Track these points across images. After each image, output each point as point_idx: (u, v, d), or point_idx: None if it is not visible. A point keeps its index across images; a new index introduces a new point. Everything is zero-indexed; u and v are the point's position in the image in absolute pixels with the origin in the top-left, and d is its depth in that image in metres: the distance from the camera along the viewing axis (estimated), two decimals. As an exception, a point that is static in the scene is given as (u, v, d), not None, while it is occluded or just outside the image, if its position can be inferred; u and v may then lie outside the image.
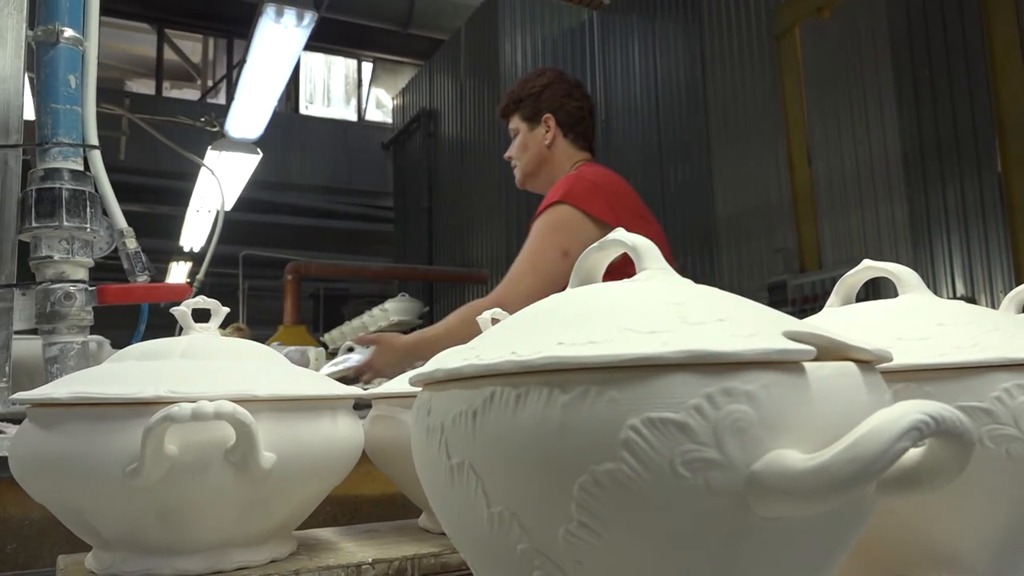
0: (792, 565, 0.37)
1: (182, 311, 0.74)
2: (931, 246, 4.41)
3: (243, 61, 3.15)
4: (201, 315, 0.78)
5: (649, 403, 0.36)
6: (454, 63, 7.61)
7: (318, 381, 0.72)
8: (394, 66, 10.42)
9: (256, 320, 7.84)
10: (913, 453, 0.37)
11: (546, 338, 0.41)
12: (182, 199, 5.82)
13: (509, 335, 0.45)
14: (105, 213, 1.12)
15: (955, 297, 4.06)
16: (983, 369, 0.49)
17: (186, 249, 6.41)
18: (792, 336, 0.38)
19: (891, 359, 0.43)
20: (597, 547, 0.38)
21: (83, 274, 1.05)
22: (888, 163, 4.65)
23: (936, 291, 4.27)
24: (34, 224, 1.01)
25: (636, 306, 0.42)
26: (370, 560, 0.71)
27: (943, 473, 0.36)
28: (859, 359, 0.39)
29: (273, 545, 0.71)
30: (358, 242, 9.27)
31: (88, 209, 1.05)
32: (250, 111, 3.52)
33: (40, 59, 1.07)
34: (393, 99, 9.24)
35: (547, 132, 1.84)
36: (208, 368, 0.67)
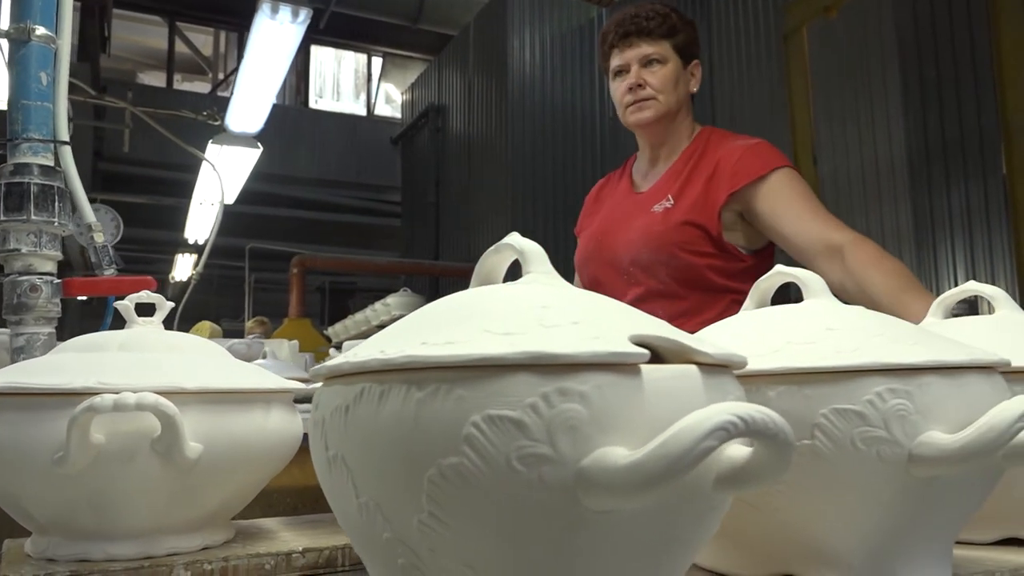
0: (628, 557, 0.39)
1: (125, 305, 0.77)
2: (935, 249, 4.39)
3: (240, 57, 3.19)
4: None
5: (491, 401, 0.38)
6: (463, 59, 7.63)
7: (252, 375, 0.74)
8: (403, 61, 10.45)
9: (262, 312, 7.90)
10: (743, 452, 0.39)
11: (415, 337, 0.43)
12: (188, 191, 5.88)
13: (400, 331, 0.47)
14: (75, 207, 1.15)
15: (957, 301, 4.04)
16: (857, 373, 0.51)
17: (191, 241, 6.47)
18: (637, 340, 0.40)
19: (743, 364, 0.45)
20: (446, 536, 0.40)
21: (51, 267, 1.08)
22: (893, 165, 4.63)
23: (938, 293, 4.24)
24: (2, 218, 1.04)
25: (502, 309, 0.44)
26: (300, 549, 0.74)
27: (767, 472, 0.37)
28: (702, 362, 0.41)
29: (207, 532, 0.73)
30: (365, 236, 9.32)
31: (57, 204, 1.08)
32: (249, 106, 3.55)
33: (12, 56, 1.10)
34: (402, 94, 9.27)
35: (692, 79, 1.61)
36: (142, 360, 0.69)
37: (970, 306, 2.76)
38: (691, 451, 0.34)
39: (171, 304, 0.80)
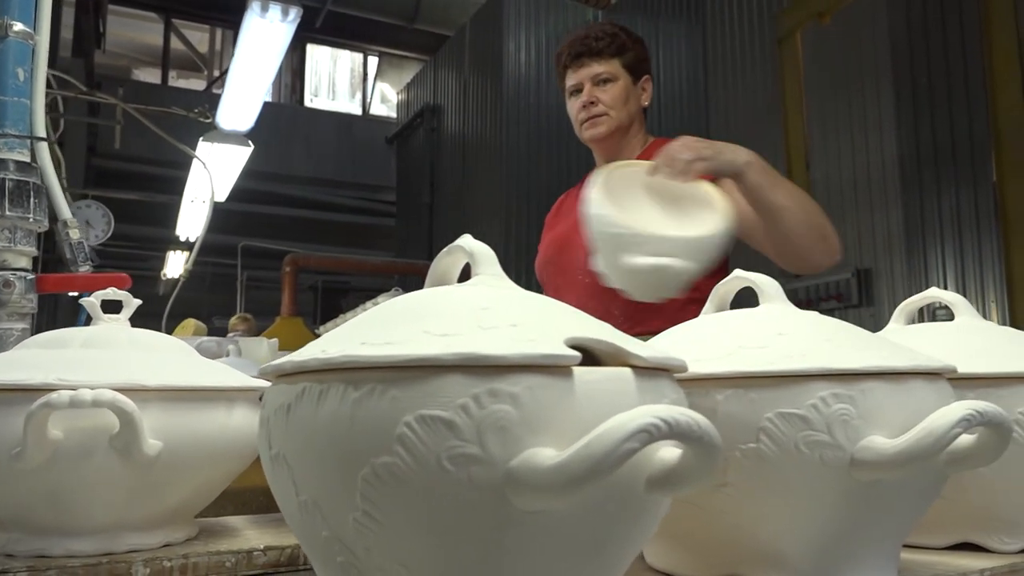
0: (560, 556, 0.40)
1: (91, 302, 0.77)
2: (925, 254, 4.40)
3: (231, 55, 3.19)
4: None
5: (424, 401, 0.38)
6: (458, 59, 7.63)
7: (216, 373, 0.74)
8: (399, 61, 10.45)
9: (254, 311, 7.88)
10: (673, 455, 0.39)
11: (357, 338, 0.43)
12: (180, 188, 5.87)
13: (344, 332, 0.48)
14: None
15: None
16: (801, 378, 0.51)
17: (182, 238, 6.45)
18: (573, 343, 0.41)
19: (682, 368, 0.46)
20: (380, 535, 0.40)
21: (25, 262, 1.08)
22: (885, 170, 4.65)
23: (928, 299, 4.26)
24: (-23, 213, 1.04)
25: (444, 311, 0.44)
26: (262, 547, 0.74)
27: (696, 474, 0.38)
28: (639, 366, 0.42)
29: (169, 529, 0.73)
30: (359, 236, 9.31)
31: (32, 199, 1.08)
32: (239, 104, 3.55)
33: (-11, 52, 1.10)
34: (398, 94, 9.27)
35: (644, 93, 1.68)
36: (104, 357, 0.69)
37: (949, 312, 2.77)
38: (613, 452, 0.34)
39: (138, 301, 0.80)
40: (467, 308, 0.44)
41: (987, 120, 4.16)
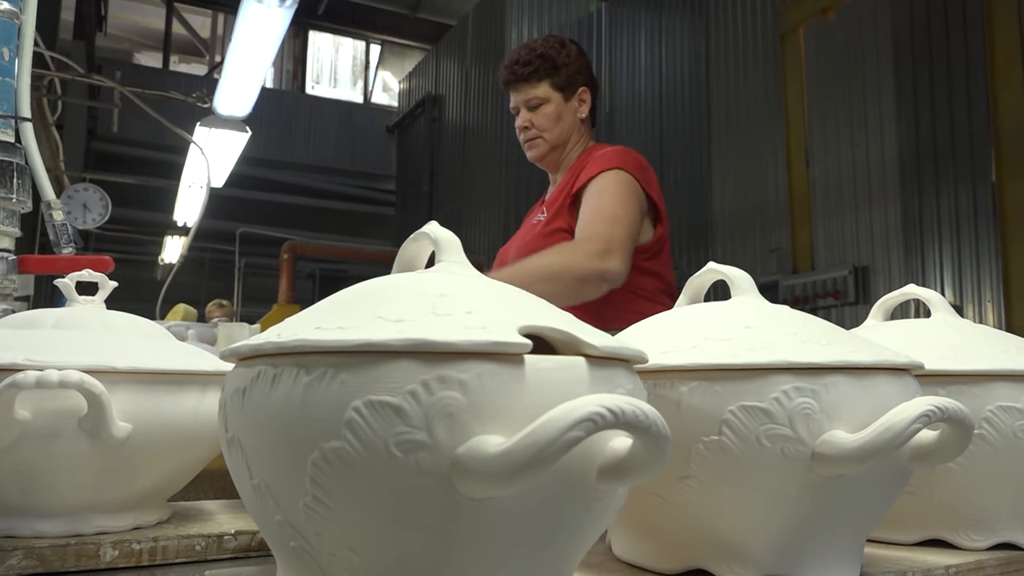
0: (509, 544, 0.40)
1: (66, 283, 0.77)
2: (922, 251, 4.40)
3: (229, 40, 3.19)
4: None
5: (373, 387, 0.38)
6: (461, 49, 7.61)
7: (188, 356, 0.74)
8: (402, 49, 10.42)
9: (252, 297, 7.90)
10: (624, 444, 0.39)
11: (312, 322, 0.43)
12: (178, 173, 5.86)
13: (301, 317, 0.47)
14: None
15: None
16: (764, 371, 0.51)
17: (180, 223, 6.45)
18: (527, 331, 0.40)
19: (640, 358, 0.45)
20: (330, 520, 0.40)
21: (7, 243, 1.08)
22: (885, 167, 4.64)
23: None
24: (-41, 193, 1.04)
25: (401, 297, 0.44)
26: (232, 531, 0.74)
27: (645, 464, 0.38)
28: (593, 355, 0.41)
29: (139, 512, 0.73)
30: (358, 224, 9.31)
31: (16, 180, 1.08)
32: (237, 89, 3.54)
33: (-26, 31, 1.09)
34: (400, 83, 9.25)
35: (582, 105, 1.74)
36: (74, 339, 0.69)
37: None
38: (556, 440, 0.34)
39: (113, 284, 0.80)
40: (424, 295, 0.44)
41: (988, 119, 4.15)
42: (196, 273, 8.17)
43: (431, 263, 0.56)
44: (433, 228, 0.52)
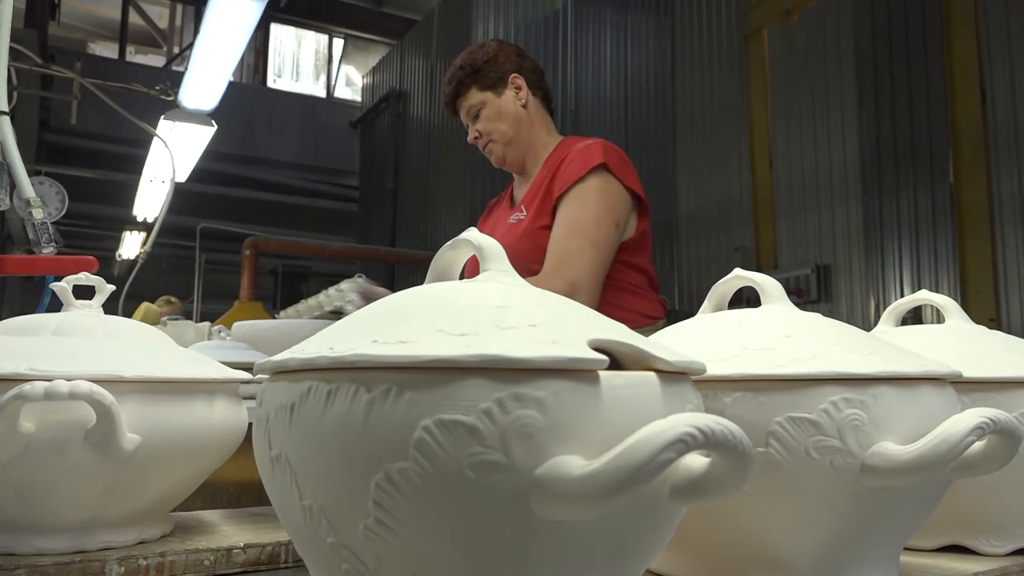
0: (580, 567, 0.38)
1: (62, 287, 0.73)
2: (882, 250, 4.49)
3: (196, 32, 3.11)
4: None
5: (443, 405, 0.36)
6: (426, 44, 7.55)
7: (196, 363, 0.71)
8: (365, 44, 10.30)
9: (213, 294, 7.75)
10: (700, 463, 0.38)
11: (367, 335, 0.41)
12: (138, 167, 5.72)
13: (351, 327, 0.45)
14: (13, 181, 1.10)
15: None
16: (812, 382, 0.50)
17: (140, 219, 6.29)
18: (596, 345, 0.39)
19: (702, 371, 0.44)
20: (393, 544, 0.38)
21: (-14, 243, 1.03)
22: (846, 168, 4.72)
23: (884, 294, 4.36)
24: (-66, 190, 0.99)
25: (457, 308, 0.42)
26: (241, 545, 0.71)
27: (726, 483, 0.37)
28: (661, 369, 0.40)
29: (144, 526, 0.70)
30: (322, 220, 9.19)
31: (-7, 177, 1.03)
32: (203, 83, 3.46)
33: (-52, 21, 1.04)
34: (363, 77, 9.14)
35: (519, 91, 1.71)
36: (77, 346, 0.66)
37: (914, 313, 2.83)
38: (649, 463, 0.33)
39: (111, 287, 0.77)
40: (482, 306, 0.42)
41: (946, 122, 4.25)
42: (154, 270, 7.98)
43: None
44: (474, 235, 0.50)
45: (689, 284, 5.58)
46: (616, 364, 0.42)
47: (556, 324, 0.41)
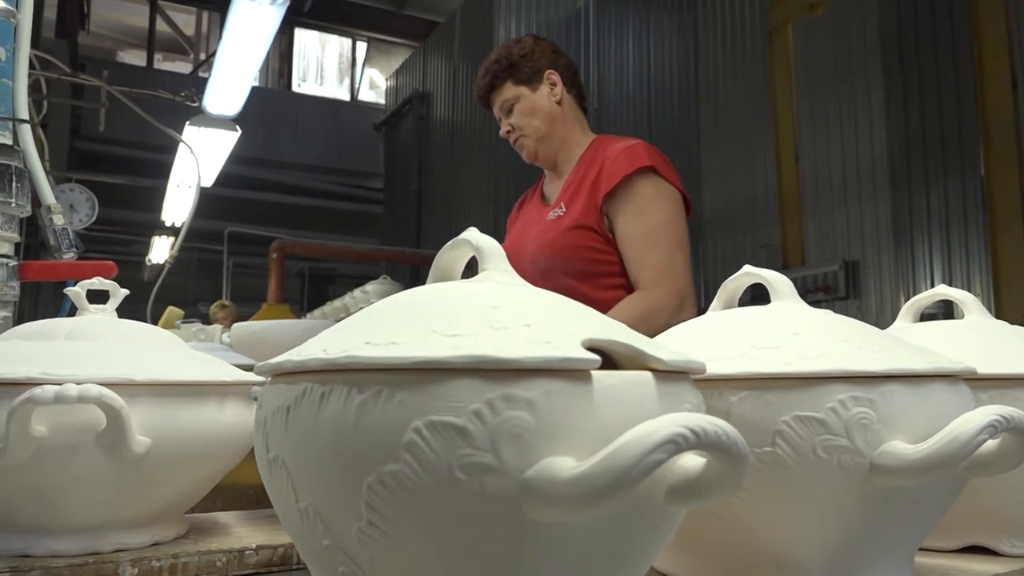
0: (575, 569, 0.38)
1: (76, 292, 0.74)
2: (912, 245, 4.42)
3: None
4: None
5: (433, 406, 0.36)
6: (448, 46, 7.57)
7: (207, 367, 0.72)
8: (388, 47, 10.36)
9: (241, 297, 7.83)
10: (696, 463, 0.37)
11: (360, 336, 0.41)
12: (166, 172, 5.80)
13: (346, 329, 0.45)
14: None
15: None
16: (819, 380, 0.49)
17: (168, 223, 6.38)
18: (590, 345, 0.38)
19: (702, 370, 0.44)
20: (386, 546, 0.38)
21: (7, 249, 1.05)
22: (874, 163, 4.65)
23: (915, 290, 4.29)
24: (-43, 198, 1.01)
25: (452, 309, 0.42)
26: (254, 546, 0.72)
27: (721, 485, 0.36)
28: (658, 368, 0.40)
29: (157, 527, 0.71)
30: (347, 223, 9.26)
31: (15, 183, 1.05)
32: (227, 88, 3.50)
33: (-30, 31, 1.06)
34: (387, 80, 9.19)
35: (554, 87, 1.70)
36: (90, 350, 0.67)
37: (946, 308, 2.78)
38: (638, 464, 0.32)
39: (125, 291, 0.78)
40: (477, 306, 0.42)
41: (976, 113, 4.17)
42: (183, 273, 8.10)
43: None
44: (474, 235, 0.50)
45: (715, 283, 5.51)
46: (614, 364, 0.41)
47: (551, 324, 0.40)
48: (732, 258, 5.44)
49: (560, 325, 0.40)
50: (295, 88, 10.18)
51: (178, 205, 5.69)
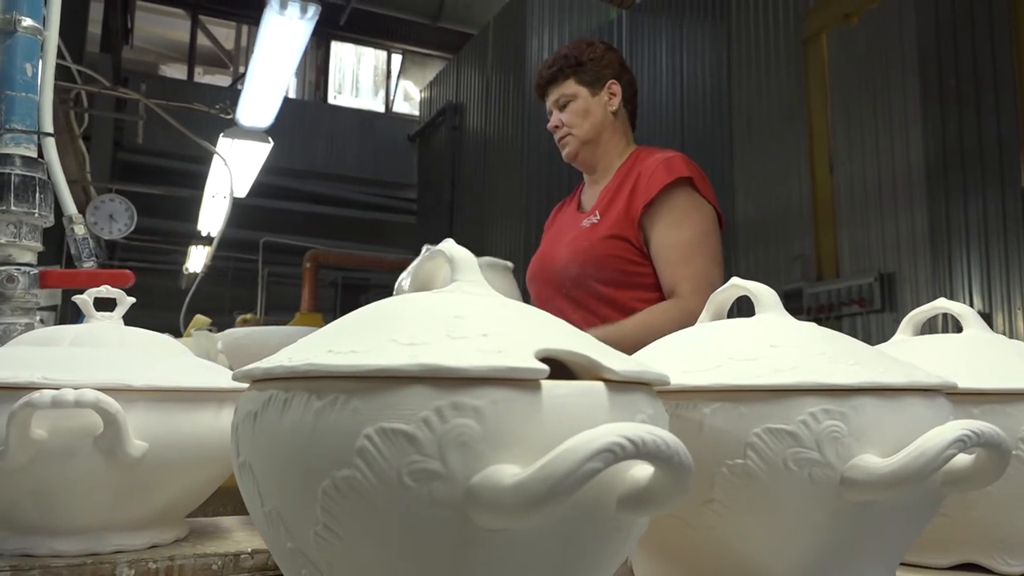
0: (525, 577, 0.38)
1: (83, 299, 0.77)
2: (950, 259, 4.33)
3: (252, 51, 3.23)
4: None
5: (385, 414, 0.37)
6: (481, 58, 7.63)
7: (204, 373, 0.73)
8: (423, 59, 10.47)
9: (276, 306, 7.95)
10: (645, 473, 0.38)
11: (324, 345, 0.42)
12: (202, 183, 5.93)
13: (314, 338, 0.47)
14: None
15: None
16: (791, 393, 0.49)
17: (204, 233, 6.51)
18: (544, 355, 0.39)
19: (662, 381, 0.44)
20: (342, 550, 0.39)
21: (30, 257, 1.08)
22: (911, 173, 4.57)
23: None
24: (-18, 208, 1.04)
25: (415, 318, 0.43)
26: (249, 550, 0.73)
27: (667, 494, 0.36)
28: (612, 379, 0.40)
29: (157, 530, 0.73)
30: (380, 233, 9.35)
31: (38, 195, 1.08)
32: (259, 100, 3.57)
33: (-2, 47, 1.10)
34: (421, 92, 9.28)
35: (613, 97, 1.72)
36: (91, 356, 0.69)
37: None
38: (574, 472, 0.33)
39: (131, 299, 0.80)
40: (439, 317, 0.43)
41: (1016, 123, 4.08)
42: (219, 282, 8.24)
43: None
44: (448, 246, 0.51)
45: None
46: (573, 375, 0.42)
47: (508, 333, 0.41)
48: (764, 270, 5.38)
49: (518, 335, 0.41)
50: (331, 100, 10.33)
51: (214, 215, 5.81)
